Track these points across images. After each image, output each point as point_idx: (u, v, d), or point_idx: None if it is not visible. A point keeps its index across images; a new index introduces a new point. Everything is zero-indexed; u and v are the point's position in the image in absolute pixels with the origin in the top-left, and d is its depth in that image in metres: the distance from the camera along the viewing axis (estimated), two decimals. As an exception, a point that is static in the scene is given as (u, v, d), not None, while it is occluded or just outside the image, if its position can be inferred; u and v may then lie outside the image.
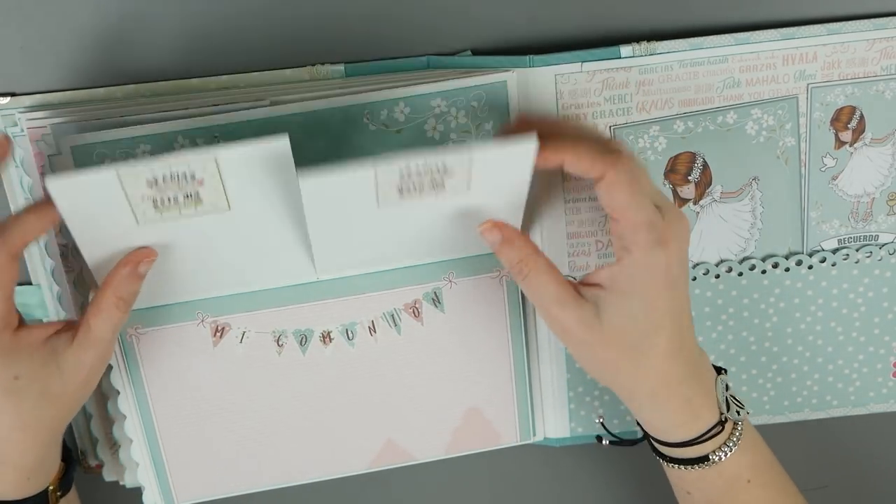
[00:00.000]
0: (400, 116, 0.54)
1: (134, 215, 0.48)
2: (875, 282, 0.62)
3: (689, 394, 0.51)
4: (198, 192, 0.47)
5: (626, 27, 0.56)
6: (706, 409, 0.52)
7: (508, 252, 0.51)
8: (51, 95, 0.54)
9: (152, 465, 0.59)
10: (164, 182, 0.47)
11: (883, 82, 0.58)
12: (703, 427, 0.52)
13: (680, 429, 0.52)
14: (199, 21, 0.54)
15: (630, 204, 0.47)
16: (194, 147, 0.53)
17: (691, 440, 0.52)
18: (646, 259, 0.48)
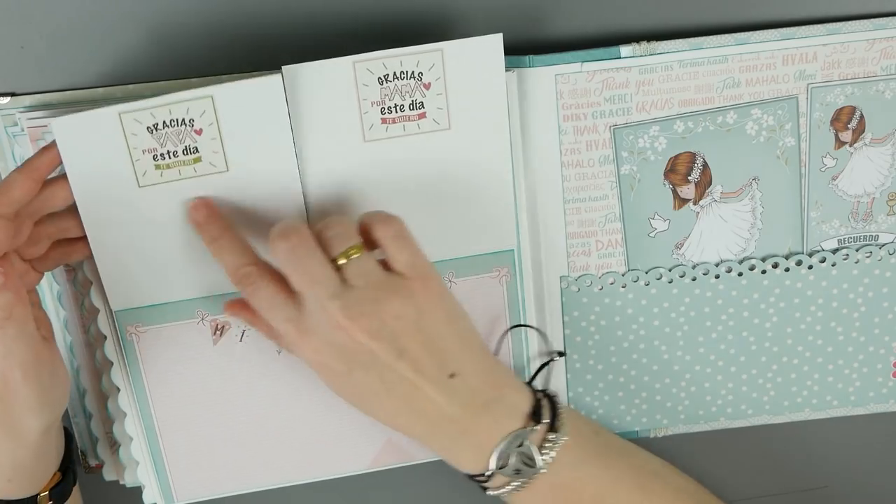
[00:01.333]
0: (400, 116, 0.54)
1: (135, 174, 0.48)
2: (875, 282, 0.62)
3: (441, 443, 0.52)
4: (196, 146, 0.49)
5: (626, 27, 0.56)
6: (469, 460, 0.52)
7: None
8: (51, 95, 0.54)
9: (152, 464, 0.59)
10: (164, 128, 0.47)
11: (883, 82, 0.58)
12: (467, 470, 0.52)
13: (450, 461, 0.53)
14: (199, 21, 0.54)
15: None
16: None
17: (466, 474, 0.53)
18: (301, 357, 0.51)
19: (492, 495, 0.52)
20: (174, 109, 0.49)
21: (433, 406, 0.50)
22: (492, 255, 0.58)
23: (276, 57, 0.54)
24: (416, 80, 0.52)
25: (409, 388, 0.49)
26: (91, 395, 0.59)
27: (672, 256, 0.60)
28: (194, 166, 0.51)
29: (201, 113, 0.50)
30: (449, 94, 0.52)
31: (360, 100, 0.52)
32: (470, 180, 0.55)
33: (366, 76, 0.51)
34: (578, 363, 0.62)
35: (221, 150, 0.51)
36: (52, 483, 0.54)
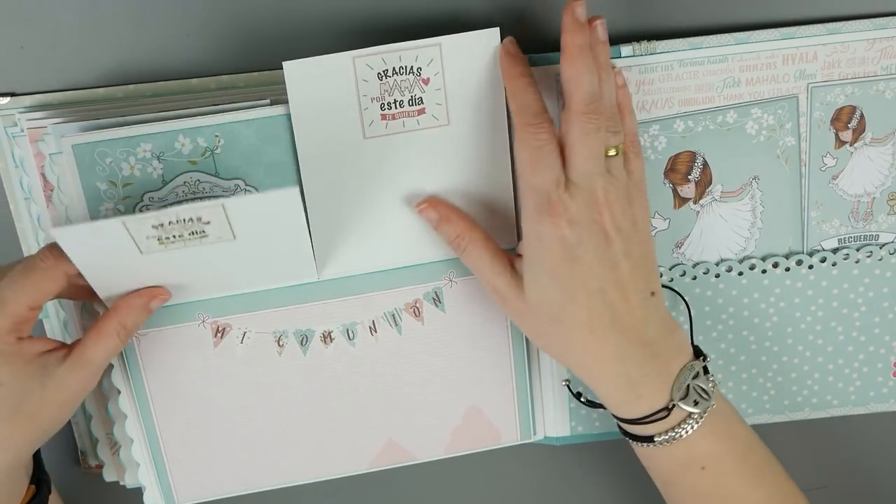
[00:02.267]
0: (400, 116, 0.54)
1: (138, 249, 0.48)
2: (875, 282, 0.62)
3: (629, 372, 0.51)
4: (204, 230, 0.48)
5: (626, 27, 0.57)
6: (651, 390, 0.52)
7: (446, 228, 0.54)
8: (51, 95, 0.54)
9: (153, 465, 0.59)
10: (170, 225, 0.47)
11: (883, 82, 0.58)
12: (645, 409, 0.52)
13: (621, 406, 0.52)
14: (200, 21, 0.54)
15: (525, 166, 0.50)
16: (195, 146, 0.53)
17: (634, 419, 0.52)
18: (533, 230, 0.50)
19: (644, 450, 0.53)
20: (181, 214, 0.47)
21: (633, 320, 0.51)
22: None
23: (276, 56, 0.54)
24: (414, 75, 0.52)
25: (618, 294, 0.50)
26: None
27: (672, 255, 0.60)
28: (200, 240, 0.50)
29: (210, 212, 0.48)
30: (448, 89, 0.53)
31: (359, 96, 0.52)
32: (470, 179, 0.55)
33: (365, 71, 0.51)
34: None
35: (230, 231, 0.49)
36: (27, 497, 0.53)
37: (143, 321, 0.52)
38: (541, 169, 0.49)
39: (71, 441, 0.62)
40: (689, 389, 0.52)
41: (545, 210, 0.49)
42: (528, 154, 0.49)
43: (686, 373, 0.52)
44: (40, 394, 0.49)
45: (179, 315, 0.56)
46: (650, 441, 0.52)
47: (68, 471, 0.62)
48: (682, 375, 0.52)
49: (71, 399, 0.50)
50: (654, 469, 0.55)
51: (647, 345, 0.52)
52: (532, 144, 0.49)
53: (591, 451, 0.67)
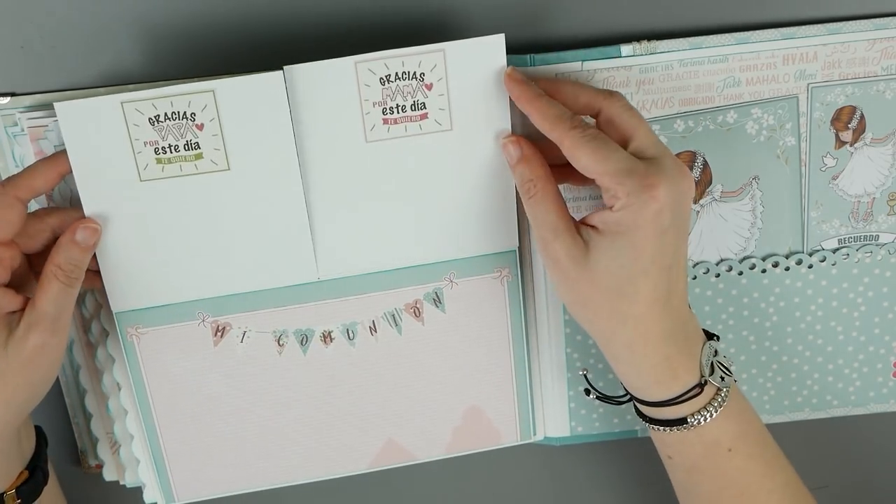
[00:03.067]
0: (400, 116, 0.54)
1: (136, 166, 0.49)
2: (875, 282, 0.62)
3: (669, 352, 0.51)
4: (197, 142, 0.49)
5: (626, 27, 0.57)
6: (686, 370, 0.52)
7: (523, 169, 0.52)
8: (51, 95, 0.54)
9: (152, 463, 0.59)
10: (166, 120, 0.48)
11: (883, 82, 0.58)
12: (680, 388, 0.52)
13: (656, 387, 0.52)
14: (200, 21, 0.54)
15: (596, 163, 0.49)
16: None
17: (667, 400, 0.52)
18: (632, 202, 0.48)
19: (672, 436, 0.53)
20: (176, 102, 0.49)
21: (680, 300, 0.51)
22: (494, 256, 0.58)
23: (277, 57, 0.54)
24: (417, 80, 0.52)
25: (678, 273, 0.51)
26: (91, 395, 0.59)
27: (672, 256, 0.60)
28: (195, 163, 0.51)
29: (203, 107, 0.50)
30: (451, 94, 0.52)
31: (361, 100, 0.52)
32: (472, 181, 0.55)
33: (367, 76, 0.51)
34: (578, 363, 0.62)
35: (223, 147, 0.51)
36: (20, 481, 0.53)
37: (81, 259, 0.50)
38: (610, 154, 0.49)
39: (71, 441, 0.62)
40: (713, 367, 0.52)
41: (640, 185, 0.48)
42: (590, 149, 0.49)
43: (707, 351, 0.53)
44: (2, 353, 0.48)
45: (179, 314, 0.56)
46: (682, 424, 0.52)
47: (68, 471, 0.62)
48: (705, 353, 0.52)
49: (35, 358, 0.49)
50: (681, 455, 0.54)
51: (684, 324, 0.52)
52: (588, 139, 0.49)
53: (591, 451, 0.67)
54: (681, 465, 0.55)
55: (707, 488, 0.54)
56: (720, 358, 0.53)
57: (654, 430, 0.54)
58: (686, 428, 0.52)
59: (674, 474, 0.56)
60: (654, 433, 0.55)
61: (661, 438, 0.54)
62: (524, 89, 0.51)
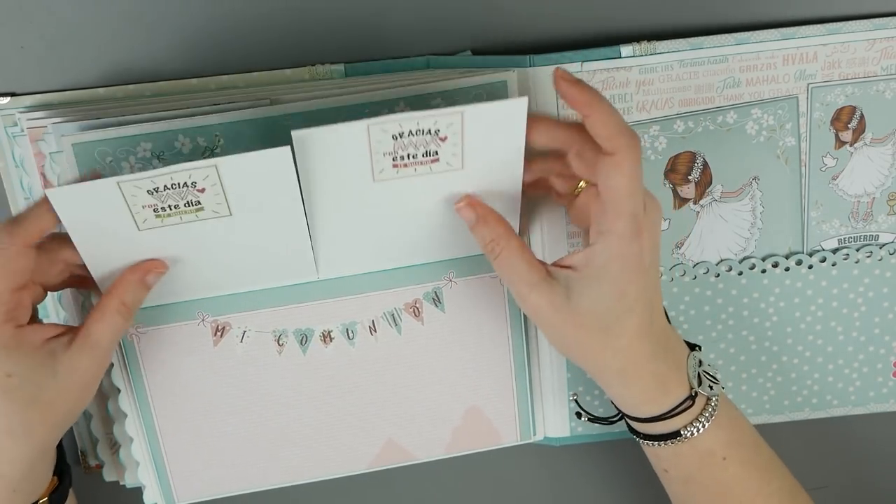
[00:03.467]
0: (400, 116, 0.54)
1: (135, 222, 0.48)
2: (875, 282, 0.62)
3: (658, 369, 0.52)
4: (199, 200, 0.48)
5: (626, 27, 0.57)
6: (676, 383, 0.52)
7: (482, 230, 0.52)
8: (51, 95, 0.54)
9: (152, 464, 0.59)
10: (165, 190, 0.47)
11: (883, 82, 0.58)
12: (672, 402, 0.52)
13: (649, 404, 0.52)
14: (200, 21, 0.54)
15: (625, 189, 0.47)
16: (195, 146, 0.53)
17: (661, 415, 0.52)
18: (622, 248, 0.48)
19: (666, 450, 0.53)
20: (176, 177, 0.46)
21: (662, 320, 0.52)
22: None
23: (276, 55, 0.55)
24: (432, 135, 0.49)
25: (658, 299, 0.52)
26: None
27: (672, 256, 0.60)
28: (196, 213, 0.49)
29: (204, 177, 0.47)
30: (465, 146, 0.50)
31: (371, 153, 0.49)
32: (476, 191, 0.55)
33: (379, 135, 0.48)
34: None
35: (224, 201, 0.49)
36: (51, 488, 0.53)
37: (143, 297, 0.51)
38: (637, 192, 0.48)
39: (71, 441, 0.62)
40: (700, 377, 0.53)
41: (636, 231, 0.48)
42: (633, 176, 0.47)
43: (692, 362, 0.53)
44: (53, 381, 0.48)
45: (179, 313, 0.56)
46: (675, 437, 0.52)
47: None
48: (691, 365, 0.53)
49: (84, 383, 0.50)
50: (676, 467, 0.54)
51: (667, 340, 0.52)
52: (636, 167, 0.47)
53: (590, 451, 0.67)
54: (677, 477, 0.55)
55: (704, 498, 0.54)
56: (706, 367, 0.53)
57: (647, 445, 0.55)
58: (680, 441, 0.52)
59: (670, 487, 0.56)
60: (649, 448, 0.55)
61: (656, 453, 0.55)
62: (584, 90, 0.48)
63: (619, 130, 0.47)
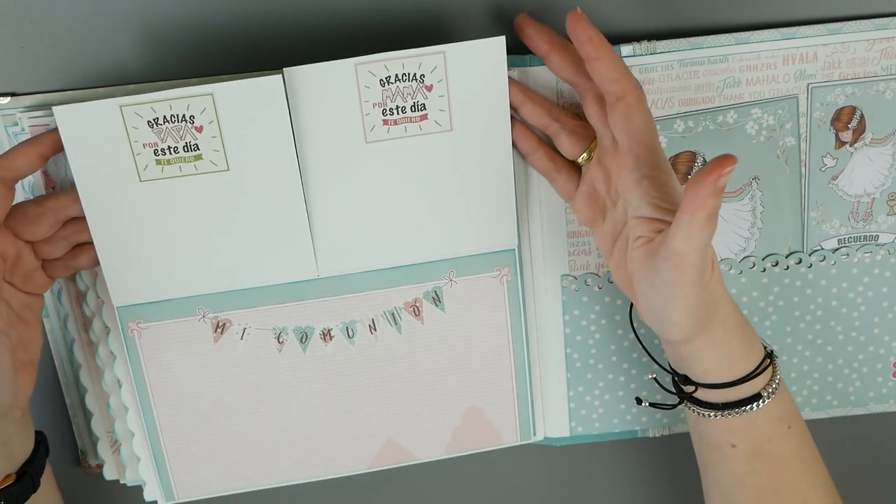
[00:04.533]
0: (401, 115, 0.54)
1: (136, 167, 0.49)
2: (875, 282, 0.62)
3: (744, 323, 0.52)
4: (197, 144, 0.50)
5: (626, 27, 0.57)
6: (755, 339, 0.52)
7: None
8: (51, 95, 0.54)
9: (153, 461, 0.59)
10: (165, 123, 0.48)
11: (883, 82, 0.58)
12: (756, 359, 0.52)
13: (740, 362, 0.51)
14: (200, 21, 0.54)
15: (650, 128, 0.49)
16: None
17: (747, 375, 0.51)
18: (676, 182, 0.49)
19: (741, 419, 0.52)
20: (174, 105, 0.50)
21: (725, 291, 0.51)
22: (492, 255, 0.58)
23: (276, 58, 0.55)
24: (417, 81, 0.52)
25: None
26: (92, 395, 0.59)
27: (672, 256, 0.60)
28: (195, 164, 0.51)
29: (202, 110, 0.50)
30: (451, 96, 0.52)
31: (361, 101, 0.52)
32: (471, 179, 0.55)
33: (367, 78, 0.51)
34: (578, 363, 0.62)
35: (222, 148, 0.51)
36: (3, 484, 0.51)
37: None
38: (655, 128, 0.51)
39: (71, 441, 0.62)
40: (764, 345, 0.53)
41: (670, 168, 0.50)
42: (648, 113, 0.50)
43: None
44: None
45: (180, 310, 0.56)
46: (756, 400, 0.52)
47: (68, 471, 0.62)
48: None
49: None
50: (747, 439, 0.53)
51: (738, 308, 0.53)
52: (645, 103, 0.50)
53: (590, 452, 0.67)
54: (744, 451, 0.53)
55: (767, 473, 0.53)
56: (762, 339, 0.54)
57: (719, 417, 0.53)
58: (758, 406, 0.52)
59: (731, 464, 0.54)
60: (718, 422, 0.53)
61: (728, 425, 0.53)
62: (596, 33, 0.48)
63: (626, 73, 0.49)
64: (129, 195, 0.52)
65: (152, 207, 0.52)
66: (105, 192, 0.51)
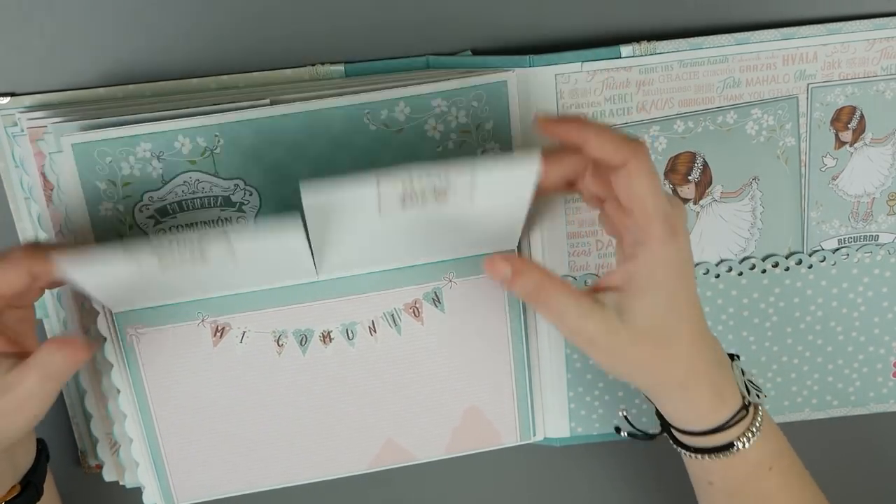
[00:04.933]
0: (400, 116, 0.54)
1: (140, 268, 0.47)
2: (875, 282, 0.62)
3: (715, 379, 0.51)
4: (203, 253, 0.47)
5: (626, 27, 0.57)
6: (730, 393, 0.51)
7: (522, 282, 0.49)
8: (51, 95, 0.54)
9: (152, 465, 0.59)
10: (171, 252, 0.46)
11: (883, 82, 0.58)
12: (728, 412, 0.51)
13: (708, 416, 0.51)
14: (200, 21, 0.54)
15: (649, 194, 0.46)
16: (195, 146, 0.53)
17: (719, 427, 0.51)
18: (663, 251, 0.47)
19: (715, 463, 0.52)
20: (184, 246, 0.46)
21: (705, 324, 0.51)
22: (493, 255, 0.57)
23: (275, 58, 0.55)
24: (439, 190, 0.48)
25: (699, 302, 0.50)
26: (91, 397, 0.59)
27: (672, 256, 0.60)
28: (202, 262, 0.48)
29: (215, 245, 0.47)
30: (475, 195, 0.48)
31: (380, 199, 0.47)
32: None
33: (389, 189, 0.47)
34: (578, 363, 0.62)
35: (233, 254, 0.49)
36: (10, 496, 0.51)
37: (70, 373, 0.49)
38: (660, 193, 0.47)
39: (71, 441, 0.62)
40: (747, 386, 0.52)
41: (672, 231, 0.47)
42: (652, 179, 0.47)
43: (737, 371, 0.53)
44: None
45: (179, 314, 0.56)
46: (728, 449, 0.51)
47: (68, 471, 0.62)
48: (736, 374, 0.52)
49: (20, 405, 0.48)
50: (724, 480, 0.53)
51: (716, 349, 0.52)
52: (651, 168, 0.46)
53: (590, 452, 0.67)
54: (722, 490, 0.54)
55: None
56: (749, 377, 0.53)
57: (695, 458, 0.53)
58: (732, 453, 0.52)
59: (712, 499, 0.55)
60: (695, 461, 0.54)
61: (703, 466, 0.53)
62: (569, 123, 0.47)
63: (621, 142, 0.46)
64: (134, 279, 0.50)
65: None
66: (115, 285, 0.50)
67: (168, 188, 0.53)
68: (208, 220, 0.55)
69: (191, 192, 0.54)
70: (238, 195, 0.54)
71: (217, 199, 0.54)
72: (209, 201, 0.54)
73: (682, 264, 0.48)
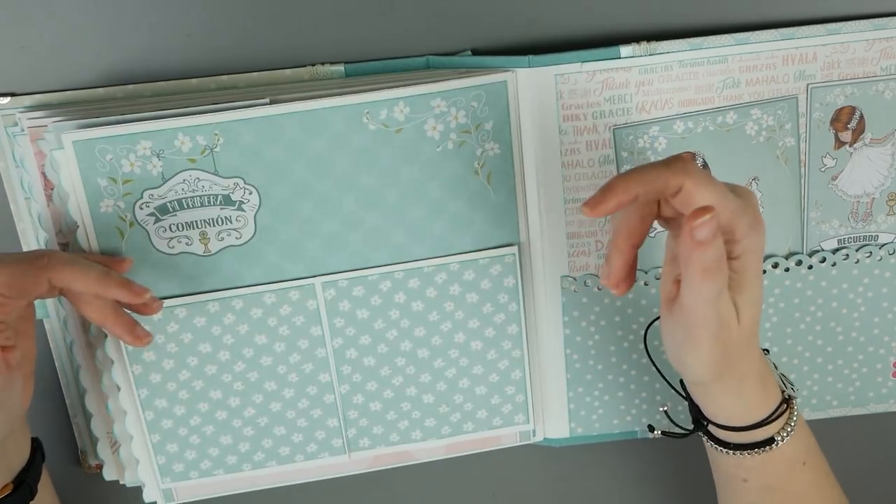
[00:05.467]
0: (400, 116, 0.54)
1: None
2: (875, 282, 0.62)
3: (763, 372, 0.51)
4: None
5: (626, 27, 0.57)
6: (772, 386, 0.51)
7: (717, 247, 0.44)
8: (51, 95, 0.54)
9: (153, 463, 0.59)
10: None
11: (883, 82, 0.58)
12: (772, 406, 0.51)
13: (755, 410, 0.51)
14: (199, 21, 0.54)
15: (720, 200, 0.44)
16: (194, 144, 0.53)
17: (762, 420, 0.51)
18: (759, 241, 0.46)
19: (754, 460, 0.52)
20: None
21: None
22: (493, 255, 0.58)
23: (275, 58, 0.55)
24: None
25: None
26: (91, 395, 0.59)
27: (672, 256, 0.60)
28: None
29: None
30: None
31: None
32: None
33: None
34: (578, 364, 0.62)
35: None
36: (1, 494, 0.51)
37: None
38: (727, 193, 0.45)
39: (71, 441, 0.62)
40: (782, 379, 0.52)
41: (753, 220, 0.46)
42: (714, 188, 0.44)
43: (770, 365, 0.52)
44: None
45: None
46: (768, 444, 0.51)
47: (68, 471, 0.62)
48: (770, 367, 0.52)
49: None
50: (760, 476, 0.53)
51: (754, 344, 0.51)
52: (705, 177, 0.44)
53: (590, 452, 0.67)
54: (756, 486, 0.53)
55: None
56: (781, 371, 0.53)
57: (731, 455, 0.52)
58: (771, 448, 0.51)
59: (745, 496, 0.54)
60: (730, 458, 0.53)
61: (740, 463, 0.53)
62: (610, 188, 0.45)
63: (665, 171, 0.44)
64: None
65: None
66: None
67: (168, 186, 0.53)
68: (208, 219, 0.55)
69: (191, 191, 0.54)
70: (238, 194, 0.54)
71: (217, 198, 0.54)
72: (209, 199, 0.54)
73: (762, 252, 0.47)
